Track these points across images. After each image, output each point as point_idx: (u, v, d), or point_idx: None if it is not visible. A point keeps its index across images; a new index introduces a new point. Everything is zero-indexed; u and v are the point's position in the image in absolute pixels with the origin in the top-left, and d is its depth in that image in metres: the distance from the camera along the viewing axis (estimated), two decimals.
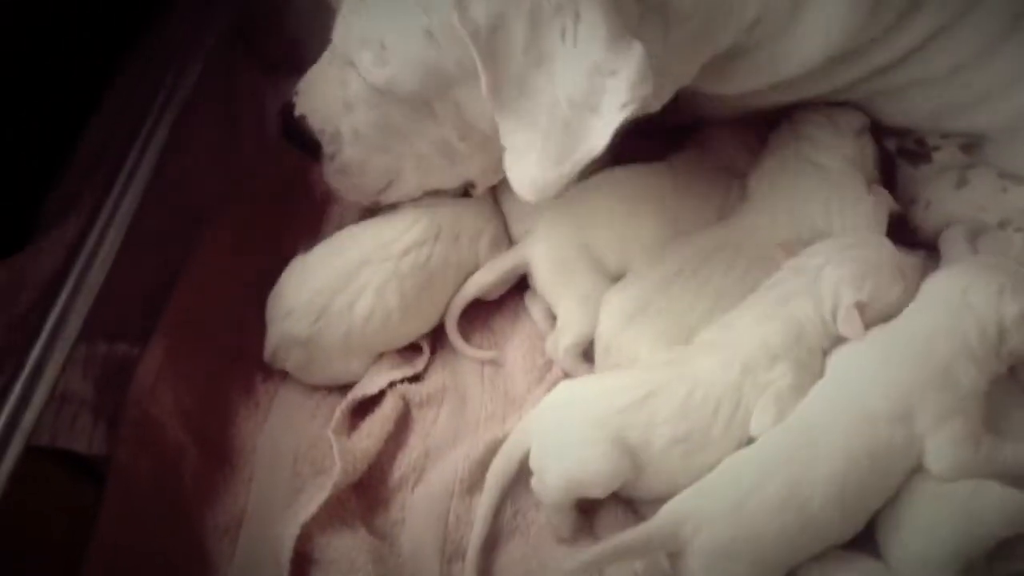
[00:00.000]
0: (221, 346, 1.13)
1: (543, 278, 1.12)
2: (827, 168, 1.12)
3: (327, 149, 1.07)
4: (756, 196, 1.13)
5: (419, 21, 0.88)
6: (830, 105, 1.15)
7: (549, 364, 1.11)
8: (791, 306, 0.99)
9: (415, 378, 1.12)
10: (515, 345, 1.14)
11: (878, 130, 1.18)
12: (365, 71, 0.95)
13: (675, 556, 0.90)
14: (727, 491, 0.90)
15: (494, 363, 1.13)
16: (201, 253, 1.18)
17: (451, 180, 1.11)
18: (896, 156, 1.20)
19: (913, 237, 1.15)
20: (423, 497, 1.02)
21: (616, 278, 1.10)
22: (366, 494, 1.02)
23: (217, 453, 1.05)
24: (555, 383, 1.07)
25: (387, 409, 1.07)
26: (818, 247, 1.03)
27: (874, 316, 0.98)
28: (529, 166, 0.90)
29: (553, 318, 1.12)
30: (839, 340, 0.98)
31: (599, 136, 0.86)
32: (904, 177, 1.19)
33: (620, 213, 1.12)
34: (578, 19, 0.83)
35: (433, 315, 1.14)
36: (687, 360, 0.99)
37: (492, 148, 0.96)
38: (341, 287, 1.08)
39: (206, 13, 1.30)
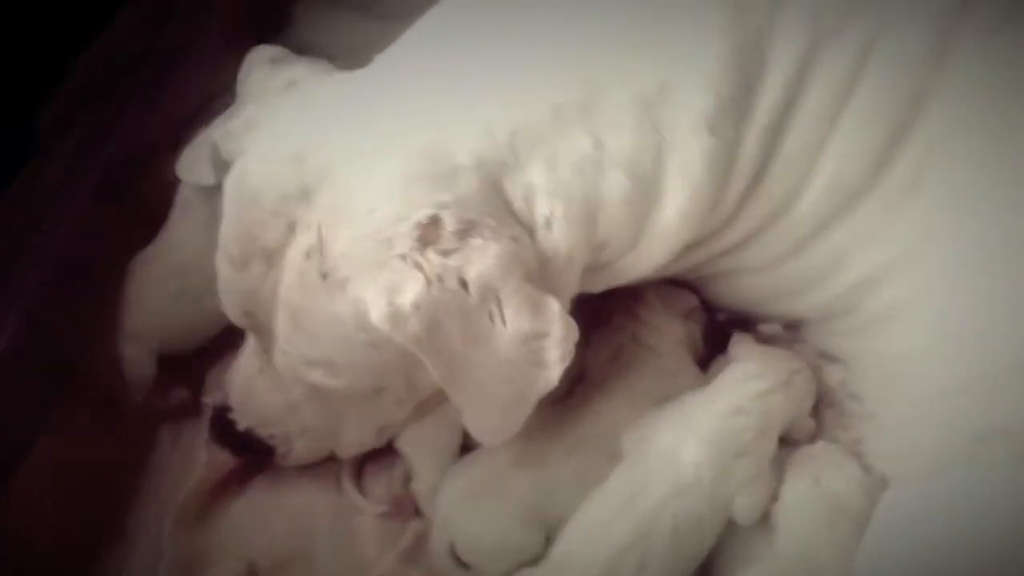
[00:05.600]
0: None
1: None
2: (660, 353, 1.20)
3: (280, 450, 1.13)
4: (595, 379, 1.20)
5: (360, 337, 0.95)
6: (663, 283, 1.22)
7: (402, 529, 1.15)
8: (768, 401, 1.10)
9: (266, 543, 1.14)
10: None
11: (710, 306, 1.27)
12: (318, 382, 1.02)
13: None
14: None
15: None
16: None
17: (379, 441, 1.18)
18: (727, 326, 1.28)
19: None
20: None
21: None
22: None
23: None
24: (407, 550, 1.13)
25: (228, 573, 1.10)
26: (781, 353, 1.16)
27: None
28: (487, 418, 1.00)
29: None
30: None
31: (547, 382, 0.96)
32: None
33: None
34: (500, 304, 0.92)
35: None
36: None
37: (415, 404, 1.10)
38: None
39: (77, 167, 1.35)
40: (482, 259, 0.91)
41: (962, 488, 0.94)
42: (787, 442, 1.13)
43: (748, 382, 1.12)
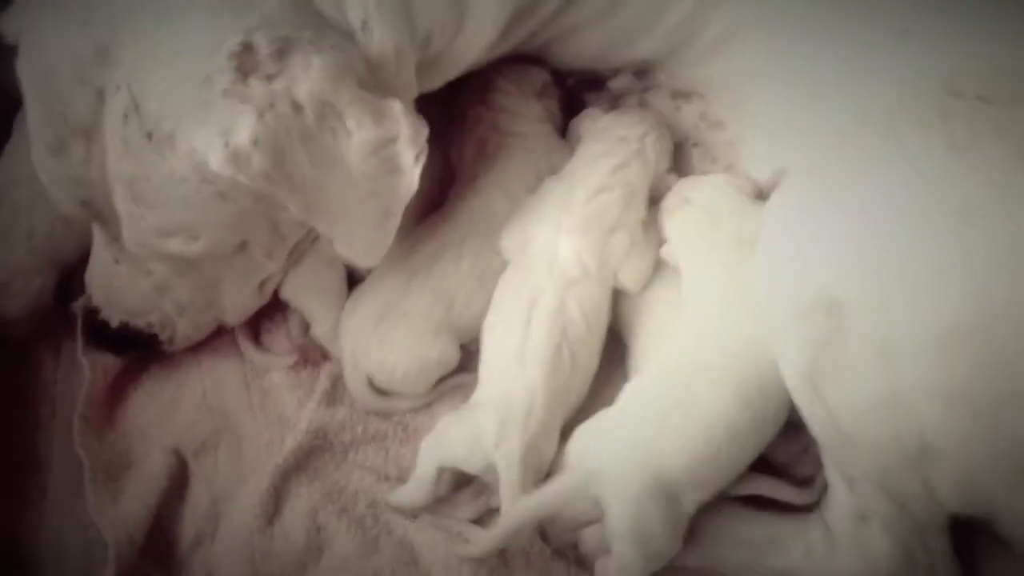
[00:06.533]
0: None
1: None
2: (524, 135, 1.18)
3: (163, 336, 1.07)
4: (465, 178, 1.17)
5: (206, 190, 0.90)
6: (511, 65, 1.20)
7: (315, 375, 1.14)
8: (625, 173, 1.10)
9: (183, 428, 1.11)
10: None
11: (558, 73, 1.25)
12: (179, 251, 0.96)
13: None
14: (629, 432, 0.96)
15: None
16: None
17: (263, 298, 1.13)
18: (577, 90, 1.28)
19: None
20: (225, 549, 1.02)
21: None
22: (159, 562, 1.01)
23: None
24: (325, 393, 1.11)
25: (155, 465, 1.06)
26: (626, 119, 1.15)
27: None
28: (358, 239, 0.97)
29: None
30: None
31: (408, 187, 0.93)
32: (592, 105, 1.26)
33: None
34: (339, 117, 0.89)
35: None
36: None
37: (286, 251, 1.05)
38: None
39: None
40: (308, 75, 0.88)
41: (841, 176, 0.93)
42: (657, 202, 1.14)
43: (600, 160, 1.12)
